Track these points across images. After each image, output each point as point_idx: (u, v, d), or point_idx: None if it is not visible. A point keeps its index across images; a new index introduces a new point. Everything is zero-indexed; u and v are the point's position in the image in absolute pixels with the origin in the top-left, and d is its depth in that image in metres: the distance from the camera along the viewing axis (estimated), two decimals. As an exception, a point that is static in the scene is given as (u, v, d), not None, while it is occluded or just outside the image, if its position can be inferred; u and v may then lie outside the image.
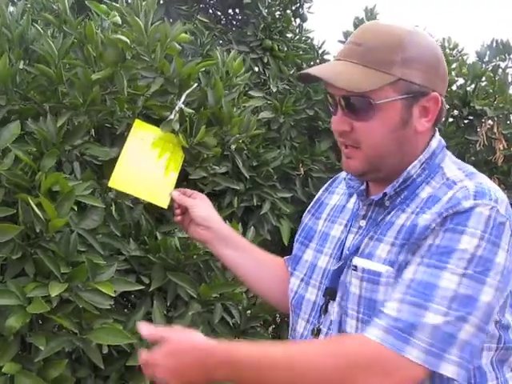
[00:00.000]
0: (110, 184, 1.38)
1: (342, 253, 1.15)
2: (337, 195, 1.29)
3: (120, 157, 1.41)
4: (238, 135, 1.98)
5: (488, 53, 3.10)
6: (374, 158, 1.07)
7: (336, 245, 1.17)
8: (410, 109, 1.06)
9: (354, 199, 1.22)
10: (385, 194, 1.10)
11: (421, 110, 1.07)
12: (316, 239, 1.24)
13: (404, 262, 1.01)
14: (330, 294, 1.13)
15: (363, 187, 1.16)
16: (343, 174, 1.33)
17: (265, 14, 3.26)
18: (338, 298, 1.11)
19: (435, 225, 0.99)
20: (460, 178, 1.07)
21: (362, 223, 1.14)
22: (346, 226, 1.19)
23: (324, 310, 1.13)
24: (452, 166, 1.12)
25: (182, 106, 1.66)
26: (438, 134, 1.15)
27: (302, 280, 1.22)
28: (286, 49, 3.38)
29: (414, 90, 1.05)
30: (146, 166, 1.43)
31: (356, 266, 1.08)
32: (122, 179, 1.39)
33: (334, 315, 1.11)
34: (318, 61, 3.45)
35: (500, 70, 3.03)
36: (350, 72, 1.03)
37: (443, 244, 0.98)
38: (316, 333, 1.13)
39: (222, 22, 3.37)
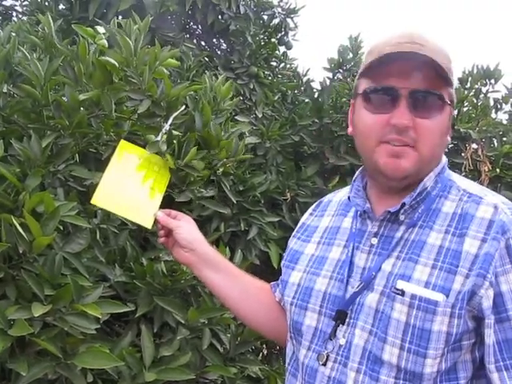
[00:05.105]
0: (93, 201, 1.34)
1: (349, 274, 1.09)
2: (327, 217, 1.25)
3: (104, 175, 1.38)
4: (225, 159, 1.97)
5: (470, 79, 3.16)
6: (426, 160, 1.04)
7: (336, 267, 1.12)
8: (450, 118, 1.08)
9: (349, 218, 1.18)
10: (403, 205, 1.06)
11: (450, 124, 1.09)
12: (305, 262, 1.19)
13: (468, 293, 0.97)
14: (340, 317, 1.06)
15: (369, 205, 1.12)
16: (329, 197, 1.31)
17: (250, 41, 3.30)
18: (360, 322, 1.04)
19: (498, 256, 0.97)
20: (478, 190, 1.07)
21: (374, 241, 1.09)
22: (345, 246, 1.14)
23: (333, 334, 1.07)
24: (460, 178, 1.12)
25: (169, 129, 1.65)
26: None
27: (291, 304, 1.16)
28: (271, 76, 3.42)
29: (453, 101, 1.08)
30: (130, 186, 1.40)
31: (403, 291, 1.00)
32: (106, 197, 1.35)
33: (346, 339, 1.05)
34: (302, 88, 3.48)
35: (482, 95, 3.09)
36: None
37: None
38: (323, 360, 1.06)
39: (208, 50, 3.39)
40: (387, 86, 1.02)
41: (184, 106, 1.74)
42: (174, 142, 1.67)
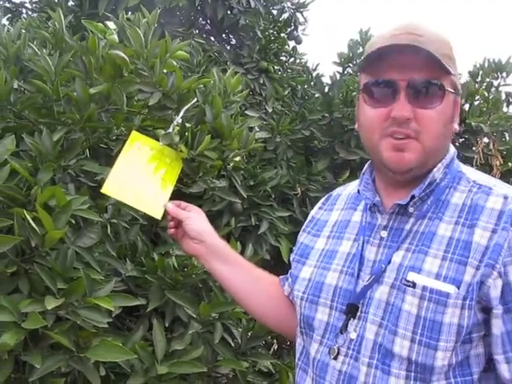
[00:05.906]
0: (103, 190, 1.34)
1: (360, 268, 1.08)
2: (336, 211, 1.24)
3: (114, 164, 1.38)
4: (237, 150, 1.96)
5: (481, 72, 3.14)
6: (430, 151, 1.03)
7: (347, 261, 1.11)
8: (454, 106, 1.07)
9: (359, 212, 1.17)
10: (413, 197, 1.05)
11: (455, 112, 1.08)
12: (316, 256, 1.18)
13: (478, 284, 0.96)
14: (351, 311, 1.06)
15: (378, 198, 1.11)
16: (338, 191, 1.31)
17: (260, 36, 3.29)
18: (370, 316, 1.03)
19: (507, 246, 0.95)
20: (488, 181, 1.05)
21: (384, 234, 1.08)
22: (355, 240, 1.13)
23: (344, 329, 1.06)
24: (470, 170, 1.11)
25: (181, 121, 1.65)
26: None
27: (302, 299, 1.16)
28: (280, 70, 3.42)
29: (457, 89, 1.07)
30: (140, 177, 1.40)
31: (414, 283, 0.99)
32: (116, 187, 1.35)
33: (357, 333, 1.04)
34: (312, 83, 3.47)
35: (493, 89, 3.06)
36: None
37: None
38: (334, 354, 1.06)
39: (217, 45, 3.39)
40: (385, 80, 1.02)
41: (196, 99, 1.74)
42: (187, 133, 1.66)
